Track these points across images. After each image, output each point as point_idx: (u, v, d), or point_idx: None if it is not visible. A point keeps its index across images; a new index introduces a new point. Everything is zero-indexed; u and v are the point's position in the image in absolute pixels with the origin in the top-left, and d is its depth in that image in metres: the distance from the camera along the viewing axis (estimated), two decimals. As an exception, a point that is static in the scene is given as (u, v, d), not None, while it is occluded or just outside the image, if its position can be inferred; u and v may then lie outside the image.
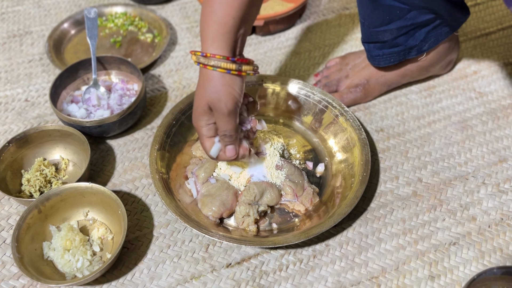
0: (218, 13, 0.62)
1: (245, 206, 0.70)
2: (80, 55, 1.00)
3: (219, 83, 0.63)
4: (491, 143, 0.82)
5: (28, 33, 1.06)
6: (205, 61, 0.62)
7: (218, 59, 0.62)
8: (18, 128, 0.88)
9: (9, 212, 0.76)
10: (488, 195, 0.76)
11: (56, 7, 1.12)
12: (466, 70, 0.94)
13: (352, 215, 0.74)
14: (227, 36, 0.62)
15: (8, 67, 0.99)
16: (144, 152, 0.83)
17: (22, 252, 0.66)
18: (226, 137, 0.66)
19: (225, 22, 0.62)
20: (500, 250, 0.70)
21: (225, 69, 0.62)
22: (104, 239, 0.72)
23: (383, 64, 0.85)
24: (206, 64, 0.62)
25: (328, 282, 0.67)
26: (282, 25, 1.04)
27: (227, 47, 0.63)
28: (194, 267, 0.69)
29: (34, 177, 0.76)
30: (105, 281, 0.68)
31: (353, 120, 0.80)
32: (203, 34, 0.63)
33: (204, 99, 0.64)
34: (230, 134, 0.66)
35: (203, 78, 0.64)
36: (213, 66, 0.62)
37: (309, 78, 0.95)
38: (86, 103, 0.85)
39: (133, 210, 0.76)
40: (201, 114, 0.65)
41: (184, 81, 0.95)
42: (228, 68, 0.63)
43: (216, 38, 0.62)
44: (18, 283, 0.68)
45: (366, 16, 0.80)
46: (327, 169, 0.79)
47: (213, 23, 0.62)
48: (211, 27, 0.62)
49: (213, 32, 0.62)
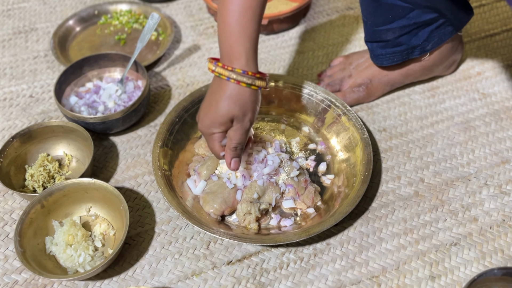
0: (249, 30, 0.64)
1: (246, 204, 0.71)
2: (84, 52, 1.00)
3: (249, 99, 0.66)
4: (494, 144, 0.82)
5: (34, 30, 1.07)
6: (238, 78, 0.64)
7: (251, 77, 0.64)
8: (22, 123, 0.88)
9: (12, 207, 0.76)
10: (490, 196, 0.76)
11: (62, 4, 1.13)
12: (470, 71, 0.94)
13: (354, 214, 0.74)
14: (256, 52, 0.65)
15: (13, 63, 1.00)
16: (147, 149, 0.84)
17: (25, 247, 0.66)
18: (237, 150, 0.68)
19: (255, 38, 0.65)
20: (501, 251, 0.70)
21: (258, 86, 0.66)
22: (106, 234, 0.72)
23: (386, 63, 0.85)
24: (239, 81, 0.64)
25: (328, 281, 0.68)
26: (286, 24, 1.04)
27: (256, 63, 0.66)
28: (195, 263, 0.70)
29: (37, 172, 0.76)
30: (106, 276, 0.68)
31: (355, 120, 0.80)
32: (235, 49, 0.64)
33: (232, 111, 0.65)
34: (241, 148, 0.69)
35: (232, 92, 0.65)
36: (248, 84, 0.64)
37: (312, 77, 0.95)
38: (118, 99, 0.87)
39: (135, 206, 0.76)
40: (221, 124, 0.67)
41: (187, 79, 0.96)
42: (260, 86, 0.66)
43: (250, 55, 0.65)
44: (20, 277, 0.69)
45: (369, 15, 0.80)
46: (329, 168, 0.79)
47: (246, 40, 0.64)
48: (245, 44, 0.64)
49: (247, 49, 0.64)
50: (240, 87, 0.65)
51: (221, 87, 0.66)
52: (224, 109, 0.65)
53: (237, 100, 0.65)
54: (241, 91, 0.65)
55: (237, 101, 0.65)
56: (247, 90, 0.65)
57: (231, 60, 0.65)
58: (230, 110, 0.65)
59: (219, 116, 0.66)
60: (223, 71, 0.65)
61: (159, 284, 0.68)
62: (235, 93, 0.65)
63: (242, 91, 0.65)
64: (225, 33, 0.65)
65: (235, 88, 0.65)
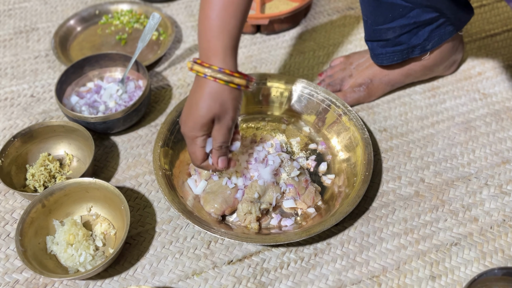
0: (229, 25, 0.62)
1: (247, 203, 0.71)
2: (85, 51, 1.01)
3: (229, 97, 0.64)
4: (494, 145, 0.82)
5: (35, 30, 1.07)
6: (215, 75, 0.62)
7: (229, 75, 0.63)
8: (23, 123, 0.89)
9: (14, 206, 0.76)
10: (491, 196, 0.76)
11: (63, 4, 1.13)
12: (471, 71, 0.94)
13: (354, 214, 0.74)
14: (236, 50, 0.64)
15: (14, 63, 1.00)
16: (148, 149, 0.84)
17: (26, 246, 0.66)
18: (222, 149, 0.67)
19: (235, 36, 0.62)
20: (501, 251, 0.70)
21: (237, 84, 0.64)
22: (107, 234, 0.72)
23: (386, 62, 0.85)
24: (216, 78, 0.62)
25: (329, 281, 0.68)
26: (287, 24, 1.04)
27: (235, 61, 0.64)
28: (195, 263, 0.70)
29: (38, 172, 0.76)
30: (107, 276, 0.69)
31: (356, 120, 0.80)
32: (213, 45, 0.62)
33: (212, 111, 0.64)
34: (226, 146, 0.67)
35: (210, 90, 0.63)
36: (226, 81, 0.62)
37: (313, 77, 0.95)
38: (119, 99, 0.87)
39: (136, 206, 0.76)
40: (203, 125, 0.65)
41: (188, 78, 0.96)
42: (239, 84, 0.64)
43: (228, 52, 0.63)
44: (21, 277, 0.69)
45: (369, 13, 0.80)
46: (329, 168, 0.79)
47: (225, 36, 0.62)
48: (223, 40, 0.62)
49: (225, 46, 0.62)
50: (219, 84, 0.63)
51: (200, 85, 0.64)
52: (204, 109, 0.63)
53: (216, 98, 0.63)
54: (220, 89, 0.63)
55: (216, 100, 0.63)
56: (226, 88, 0.63)
57: (208, 56, 0.63)
58: (211, 109, 0.63)
59: (200, 117, 0.64)
60: (200, 68, 0.63)
61: (159, 284, 0.68)
62: (214, 91, 0.63)
63: (221, 89, 0.63)
64: (205, 28, 0.63)
65: (214, 86, 0.63)
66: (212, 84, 0.63)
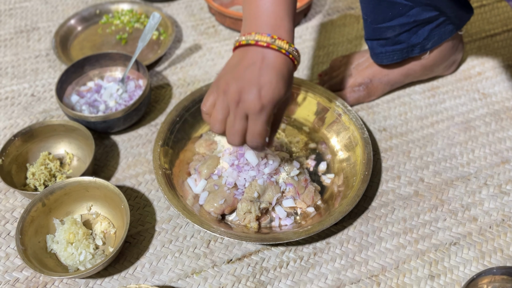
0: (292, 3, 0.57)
1: (247, 203, 0.71)
2: (86, 51, 1.01)
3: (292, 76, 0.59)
4: (494, 144, 0.82)
5: (35, 29, 1.07)
6: (289, 49, 0.56)
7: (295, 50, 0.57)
8: (24, 122, 0.89)
9: (14, 205, 0.77)
10: (490, 196, 0.76)
11: (63, 4, 1.13)
12: (470, 71, 0.94)
13: (353, 213, 0.74)
14: (293, 21, 0.58)
15: (15, 62, 1.00)
16: (148, 148, 0.84)
17: (26, 245, 0.67)
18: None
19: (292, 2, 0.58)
20: (500, 250, 0.70)
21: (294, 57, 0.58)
22: (107, 233, 0.72)
23: (386, 61, 0.85)
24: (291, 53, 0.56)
25: (328, 280, 0.68)
26: (287, 24, 1.04)
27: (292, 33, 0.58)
28: (195, 262, 0.70)
29: (39, 171, 0.77)
30: (107, 274, 0.69)
31: (356, 119, 0.80)
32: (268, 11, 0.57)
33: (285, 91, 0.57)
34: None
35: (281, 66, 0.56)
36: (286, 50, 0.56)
37: (313, 76, 0.95)
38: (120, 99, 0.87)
39: (136, 205, 0.76)
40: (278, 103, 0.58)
41: (188, 78, 0.96)
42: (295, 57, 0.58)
43: (285, 20, 0.57)
44: (22, 275, 0.69)
45: (369, 12, 0.80)
46: (329, 167, 0.79)
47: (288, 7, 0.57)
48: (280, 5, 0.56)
49: (283, 12, 0.57)
50: (289, 60, 0.57)
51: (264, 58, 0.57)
52: (282, 86, 0.56)
53: (288, 76, 0.57)
54: (291, 66, 0.57)
55: (289, 78, 0.57)
56: (292, 65, 0.57)
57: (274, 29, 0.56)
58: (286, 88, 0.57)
59: (279, 92, 0.56)
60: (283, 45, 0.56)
61: (159, 282, 0.68)
62: (286, 68, 0.57)
63: (291, 66, 0.57)
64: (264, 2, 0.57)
65: (285, 62, 0.57)
66: (283, 60, 0.57)
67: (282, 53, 0.57)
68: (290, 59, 0.58)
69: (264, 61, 0.57)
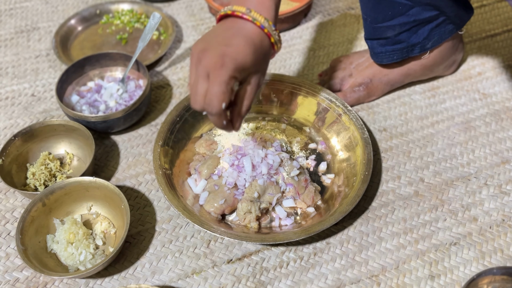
0: None
1: (247, 203, 0.71)
2: (86, 51, 1.01)
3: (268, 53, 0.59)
4: (494, 145, 0.82)
5: (36, 29, 1.07)
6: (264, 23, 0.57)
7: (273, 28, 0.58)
8: (24, 122, 0.89)
9: (14, 205, 0.77)
10: (490, 196, 0.76)
11: (64, 4, 1.13)
12: (471, 71, 0.94)
13: (353, 213, 0.74)
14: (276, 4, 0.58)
15: (15, 62, 1.00)
16: (148, 148, 0.84)
17: (26, 244, 0.67)
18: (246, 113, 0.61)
19: None
20: (500, 251, 0.70)
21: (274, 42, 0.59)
22: (107, 233, 0.73)
23: (386, 61, 0.85)
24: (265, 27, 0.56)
25: (328, 280, 0.68)
26: (287, 24, 1.04)
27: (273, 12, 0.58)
28: (195, 262, 0.70)
29: (39, 170, 0.77)
30: (107, 274, 0.69)
31: (356, 119, 0.80)
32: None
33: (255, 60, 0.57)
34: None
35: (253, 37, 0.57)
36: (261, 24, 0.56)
37: (313, 77, 0.95)
38: (120, 98, 0.87)
39: (136, 205, 0.76)
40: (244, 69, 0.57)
41: (188, 78, 0.96)
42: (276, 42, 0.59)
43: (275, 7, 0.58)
44: (22, 275, 0.69)
45: (369, 11, 0.80)
46: (329, 167, 0.79)
47: None
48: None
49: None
50: (263, 34, 0.57)
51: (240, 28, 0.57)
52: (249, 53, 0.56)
53: (261, 49, 0.58)
54: (265, 41, 0.58)
55: (260, 51, 0.58)
56: (267, 41, 0.58)
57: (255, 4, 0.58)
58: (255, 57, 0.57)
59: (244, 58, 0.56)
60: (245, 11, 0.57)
61: (159, 282, 0.68)
62: (259, 40, 0.57)
63: (266, 42, 0.58)
64: None
65: (258, 35, 0.57)
66: (257, 32, 0.57)
67: (257, 25, 0.58)
68: (265, 34, 0.58)
69: (237, 29, 0.57)
